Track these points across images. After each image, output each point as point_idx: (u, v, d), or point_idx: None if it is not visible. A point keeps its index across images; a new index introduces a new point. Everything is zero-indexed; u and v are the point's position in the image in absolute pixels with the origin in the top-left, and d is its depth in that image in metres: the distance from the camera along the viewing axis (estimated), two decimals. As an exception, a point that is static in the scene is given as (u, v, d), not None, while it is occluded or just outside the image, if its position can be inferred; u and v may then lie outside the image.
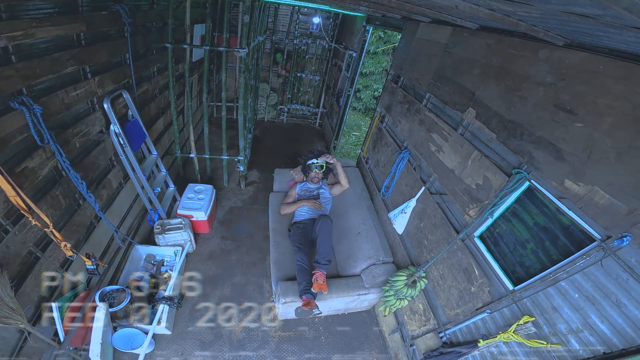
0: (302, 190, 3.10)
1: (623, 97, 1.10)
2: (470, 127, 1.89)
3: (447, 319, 1.95)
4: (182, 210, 2.95)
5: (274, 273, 2.56)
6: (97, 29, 1.98)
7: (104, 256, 2.34)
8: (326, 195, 3.09)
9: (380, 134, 3.20)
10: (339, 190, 3.10)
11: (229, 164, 3.86)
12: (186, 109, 3.50)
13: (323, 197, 3.07)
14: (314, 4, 3.81)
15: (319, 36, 5.36)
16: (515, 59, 1.57)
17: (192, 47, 3.06)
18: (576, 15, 0.71)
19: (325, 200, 3.06)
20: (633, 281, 1.03)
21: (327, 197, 3.08)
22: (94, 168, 2.15)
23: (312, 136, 5.84)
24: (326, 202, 3.06)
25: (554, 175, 1.33)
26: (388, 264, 2.46)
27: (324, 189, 3.10)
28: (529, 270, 1.47)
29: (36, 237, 1.67)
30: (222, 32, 3.24)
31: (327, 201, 3.08)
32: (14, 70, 1.42)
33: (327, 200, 3.07)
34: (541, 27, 1.13)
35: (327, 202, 3.08)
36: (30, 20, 1.47)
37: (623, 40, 0.91)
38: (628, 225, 1.05)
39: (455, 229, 1.93)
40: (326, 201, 3.06)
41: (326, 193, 3.09)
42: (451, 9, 1.30)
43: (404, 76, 2.87)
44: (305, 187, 3.10)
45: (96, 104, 2.11)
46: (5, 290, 1.41)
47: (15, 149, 1.52)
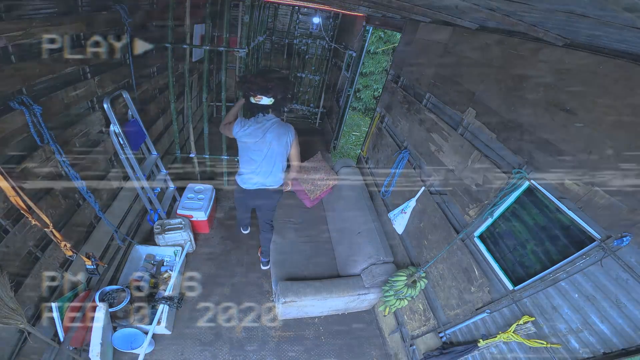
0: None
1: (623, 97, 1.10)
2: (470, 127, 1.89)
3: (447, 319, 1.95)
4: (182, 210, 2.95)
5: (274, 273, 2.56)
6: (97, 29, 1.98)
7: (104, 256, 2.34)
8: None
9: (380, 134, 3.20)
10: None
11: (229, 164, 3.86)
12: (186, 109, 3.50)
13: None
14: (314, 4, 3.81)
15: (319, 36, 5.36)
16: (515, 59, 1.57)
17: (192, 47, 3.05)
18: (576, 15, 0.71)
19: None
20: (633, 281, 1.03)
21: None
22: (94, 168, 2.15)
23: (312, 136, 5.83)
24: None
25: (554, 175, 1.33)
26: (388, 263, 2.46)
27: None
28: (529, 270, 1.47)
29: (36, 237, 1.67)
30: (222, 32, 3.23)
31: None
32: (14, 70, 1.42)
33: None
34: (541, 27, 1.13)
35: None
36: (30, 20, 1.47)
37: (623, 40, 0.91)
38: (628, 225, 1.05)
39: (455, 229, 1.93)
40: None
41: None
42: (451, 9, 1.30)
43: (404, 76, 2.87)
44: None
45: (96, 104, 2.11)
46: (5, 290, 1.41)
47: (15, 149, 1.52)
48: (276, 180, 2.31)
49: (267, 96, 1.98)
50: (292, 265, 2.64)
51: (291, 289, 2.29)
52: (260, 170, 2.20)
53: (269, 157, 2.16)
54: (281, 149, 2.15)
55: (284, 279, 2.46)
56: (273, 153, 2.14)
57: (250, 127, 2.07)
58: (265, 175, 2.24)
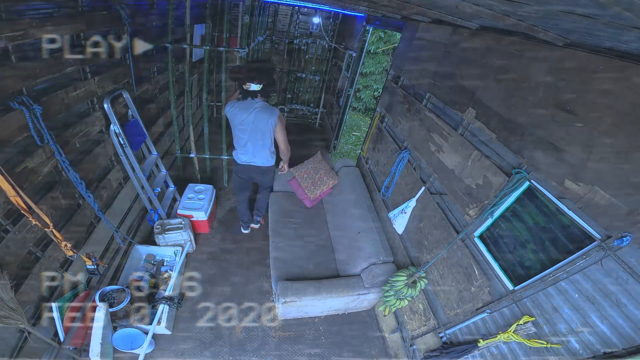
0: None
1: (623, 97, 1.10)
2: (470, 127, 1.89)
3: (447, 319, 1.95)
4: (182, 210, 2.95)
5: (274, 273, 2.56)
6: (97, 29, 1.98)
7: (104, 256, 2.34)
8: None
9: (380, 134, 3.20)
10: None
11: (229, 163, 3.86)
12: (186, 109, 3.50)
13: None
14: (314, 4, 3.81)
15: (319, 36, 5.36)
16: (515, 59, 1.57)
17: (192, 47, 3.06)
18: (576, 15, 0.71)
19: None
20: (633, 281, 1.03)
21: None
22: (94, 168, 2.15)
23: (312, 136, 5.84)
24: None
25: (554, 175, 1.33)
26: (388, 263, 2.46)
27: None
28: (529, 270, 1.47)
29: (36, 237, 1.67)
30: (222, 32, 3.24)
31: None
32: (14, 70, 1.42)
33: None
34: (541, 27, 1.13)
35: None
36: (30, 20, 1.47)
37: (623, 40, 0.91)
38: (628, 225, 1.05)
39: (455, 229, 1.93)
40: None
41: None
42: (451, 9, 1.30)
43: (404, 76, 2.87)
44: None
45: (96, 104, 2.11)
46: (5, 290, 1.41)
47: (15, 149, 1.52)
48: (263, 160, 2.61)
49: (254, 83, 2.27)
50: (292, 265, 2.64)
51: (291, 289, 2.29)
52: (247, 148, 2.52)
53: (254, 136, 2.43)
54: (265, 129, 2.40)
55: (284, 279, 2.46)
56: (257, 132, 2.41)
57: (236, 108, 2.36)
58: (253, 154, 2.55)
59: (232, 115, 2.38)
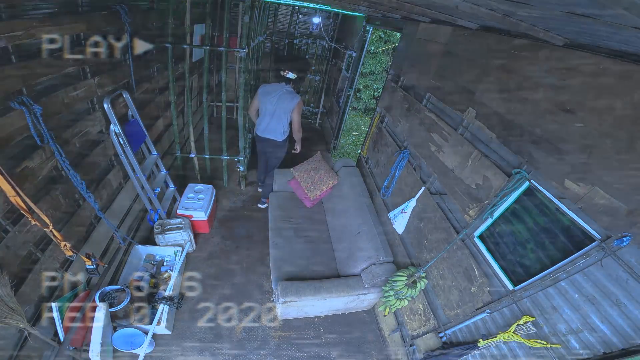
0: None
1: (623, 97, 1.10)
2: (470, 127, 1.89)
3: (447, 319, 1.95)
4: (182, 210, 2.95)
5: (274, 273, 2.56)
6: (97, 29, 1.98)
7: (104, 256, 2.34)
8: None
9: (380, 134, 3.20)
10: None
11: (229, 164, 3.86)
12: (186, 109, 3.50)
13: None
14: (314, 4, 3.81)
15: (319, 36, 5.36)
16: (515, 59, 1.57)
17: (192, 47, 3.06)
18: (576, 15, 0.71)
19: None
20: (633, 281, 1.03)
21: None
22: (94, 168, 2.15)
23: (312, 136, 5.84)
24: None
25: (554, 175, 1.33)
26: (388, 263, 2.46)
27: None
28: (529, 270, 1.47)
29: (36, 237, 1.67)
30: (222, 32, 3.24)
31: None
32: (14, 70, 1.42)
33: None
34: (541, 27, 1.13)
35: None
36: (31, 20, 1.47)
37: (623, 40, 0.91)
38: (628, 225, 1.05)
39: (455, 229, 1.93)
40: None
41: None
42: (451, 9, 1.30)
43: (404, 76, 2.87)
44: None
45: (96, 104, 2.11)
46: (5, 290, 1.41)
47: (15, 149, 1.52)
48: (276, 134, 3.15)
49: (292, 72, 2.89)
50: (292, 265, 2.64)
51: (291, 289, 2.29)
52: (265, 120, 3.08)
53: (275, 114, 3.01)
54: (285, 107, 2.97)
55: (284, 279, 2.46)
56: (278, 110, 2.99)
57: (268, 87, 3.00)
58: (271, 128, 3.11)
59: (263, 90, 2.97)
